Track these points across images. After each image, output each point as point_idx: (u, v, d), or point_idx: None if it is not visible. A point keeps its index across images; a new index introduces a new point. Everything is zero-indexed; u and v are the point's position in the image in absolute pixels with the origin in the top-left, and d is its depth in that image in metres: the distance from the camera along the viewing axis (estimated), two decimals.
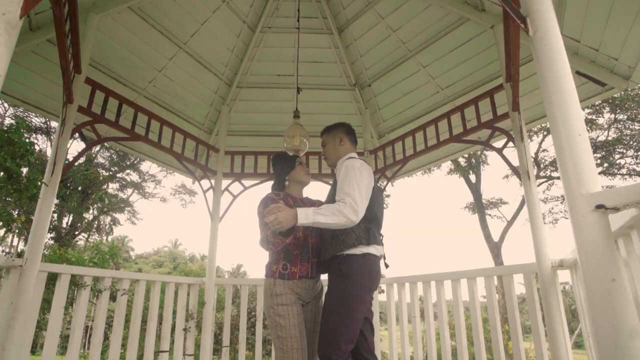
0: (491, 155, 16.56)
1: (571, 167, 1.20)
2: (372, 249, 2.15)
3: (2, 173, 1.48)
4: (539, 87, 3.09)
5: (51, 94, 3.45)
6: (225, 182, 4.60)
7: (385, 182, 4.82)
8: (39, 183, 1.78)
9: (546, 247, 2.85)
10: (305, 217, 1.97)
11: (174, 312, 3.88)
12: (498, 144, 3.51)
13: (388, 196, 18.43)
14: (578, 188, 1.16)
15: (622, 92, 11.05)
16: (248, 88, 4.92)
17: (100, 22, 3.39)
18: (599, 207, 1.11)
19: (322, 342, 2.08)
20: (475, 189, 16.63)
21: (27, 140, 1.65)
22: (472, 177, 16.79)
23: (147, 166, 20.43)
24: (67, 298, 3.06)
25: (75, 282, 3.07)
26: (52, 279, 3.04)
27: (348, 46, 4.70)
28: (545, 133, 15.04)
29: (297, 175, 2.58)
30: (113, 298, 3.41)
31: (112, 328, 3.30)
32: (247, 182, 4.68)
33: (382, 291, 4.47)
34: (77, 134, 3.13)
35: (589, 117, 13.95)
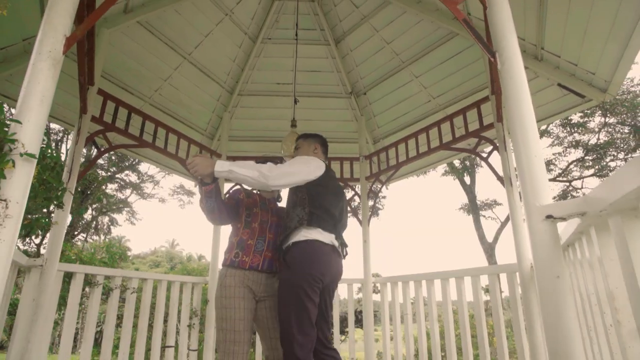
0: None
1: (528, 182, 1.44)
2: (317, 234, 2.15)
3: (40, 185, 1.69)
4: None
5: (65, 104, 3.66)
6: (227, 186, 4.82)
7: (379, 186, 5.04)
8: (62, 190, 2.00)
9: (527, 248, 3.09)
10: (221, 165, 2.07)
11: (179, 310, 4.09)
12: (486, 150, 3.76)
13: (384, 197, 18.68)
14: (533, 200, 1.40)
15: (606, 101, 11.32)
16: (249, 96, 5.14)
17: (110, 36, 3.61)
18: (549, 217, 1.34)
19: (281, 336, 2.08)
20: (469, 190, 16.90)
21: (55, 154, 1.87)
22: (467, 179, 17.06)
23: (145, 167, 20.60)
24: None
25: (88, 281, 3.27)
26: (67, 277, 3.25)
27: (344, 56, 4.94)
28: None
29: None
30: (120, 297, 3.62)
31: (122, 323, 3.51)
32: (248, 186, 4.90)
33: (378, 291, 4.71)
34: (90, 142, 3.35)
35: (581, 120, 14.25)
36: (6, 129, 1.29)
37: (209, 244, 4.55)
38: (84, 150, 3.84)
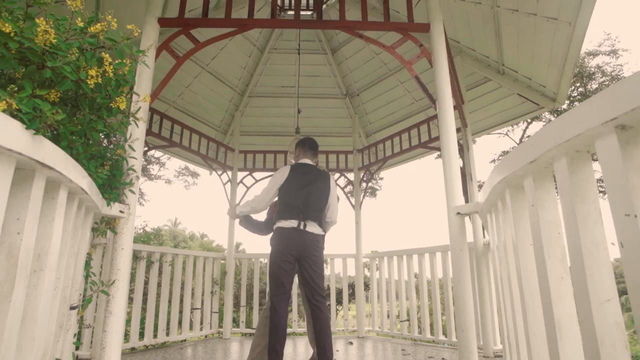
0: (479, 142, 17.56)
1: (449, 190, 2.26)
2: (282, 223, 2.98)
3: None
4: (481, 108, 4.30)
5: None
6: (239, 176, 5.65)
7: (370, 176, 5.86)
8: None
9: (481, 230, 3.92)
10: (236, 210, 3.29)
11: (203, 280, 4.98)
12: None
13: (382, 178, 19.51)
14: (450, 202, 2.23)
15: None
16: (257, 97, 5.92)
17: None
18: (458, 213, 2.17)
19: None
20: (462, 172, 17.68)
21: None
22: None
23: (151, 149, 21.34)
24: None
25: (135, 255, 4.13)
26: None
27: (340, 64, 5.68)
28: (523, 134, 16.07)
29: None
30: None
31: (161, 289, 4.39)
32: (258, 175, 5.74)
33: (367, 266, 5.60)
34: None
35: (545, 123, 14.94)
36: None
37: (211, 224, 5.40)
38: None
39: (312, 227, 3.03)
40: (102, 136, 1.68)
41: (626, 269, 0.77)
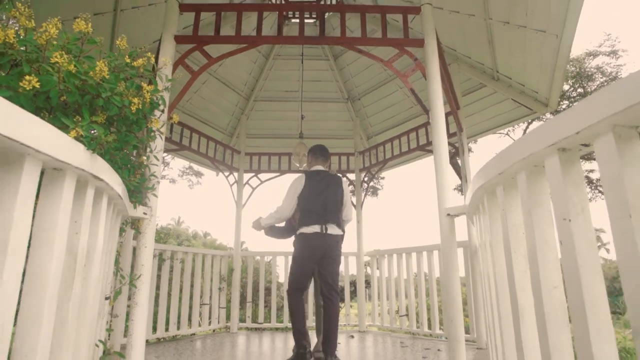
0: (481, 142, 17.73)
1: (440, 193, 2.49)
2: (305, 229, 3.29)
3: None
4: (477, 112, 4.53)
5: None
6: (245, 177, 5.88)
7: (371, 177, 6.09)
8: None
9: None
10: (260, 222, 3.52)
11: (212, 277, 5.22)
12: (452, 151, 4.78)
13: (383, 178, 19.72)
14: (441, 204, 2.45)
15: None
16: (262, 101, 6.15)
17: None
18: (448, 214, 2.40)
19: None
20: (459, 174, 17.87)
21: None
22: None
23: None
24: None
25: None
26: None
27: (342, 69, 5.91)
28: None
29: None
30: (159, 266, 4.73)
31: (172, 285, 4.63)
32: (263, 177, 5.97)
33: (367, 264, 5.84)
34: None
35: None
36: None
37: (214, 223, 5.65)
38: None
39: (333, 229, 3.33)
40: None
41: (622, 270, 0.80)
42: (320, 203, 3.36)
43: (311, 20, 5.45)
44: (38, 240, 1.05)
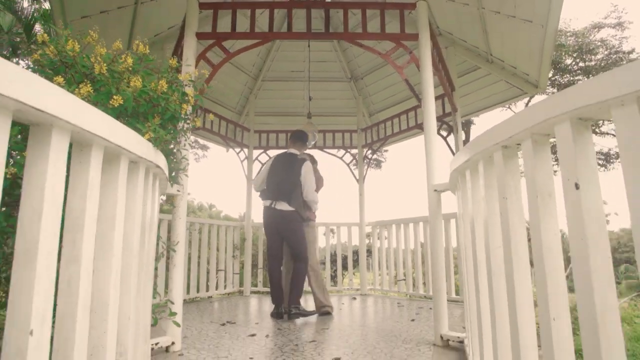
0: (483, 117, 17.91)
1: (429, 170, 2.89)
2: (264, 203, 4.00)
3: None
4: (472, 92, 4.89)
5: None
6: (255, 153, 6.29)
7: (372, 152, 6.49)
8: None
9: None
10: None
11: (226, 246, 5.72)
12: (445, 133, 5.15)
13: (387, 150, 20.04)
14: (429, 180, 2.86)
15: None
16: (270, 81, 6.48)
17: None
18: (435, 190, 2.81)
19: None
20: (453, 152, 18.16)
21: None
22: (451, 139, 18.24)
23: None
24: None
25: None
26: None
27: (345, 50, 6.20)
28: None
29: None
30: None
31: (191, 253, 5.12)
32: (272, 153, 6.37)
33: (369, 235, 6.30)
34: None
35: None
36: None
37: (219, 195, 6.10)
38: None
39: (281, 205, 3.89)
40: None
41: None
42: (274, 182, 3.95)
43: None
44: (129, 214, 1.47)
